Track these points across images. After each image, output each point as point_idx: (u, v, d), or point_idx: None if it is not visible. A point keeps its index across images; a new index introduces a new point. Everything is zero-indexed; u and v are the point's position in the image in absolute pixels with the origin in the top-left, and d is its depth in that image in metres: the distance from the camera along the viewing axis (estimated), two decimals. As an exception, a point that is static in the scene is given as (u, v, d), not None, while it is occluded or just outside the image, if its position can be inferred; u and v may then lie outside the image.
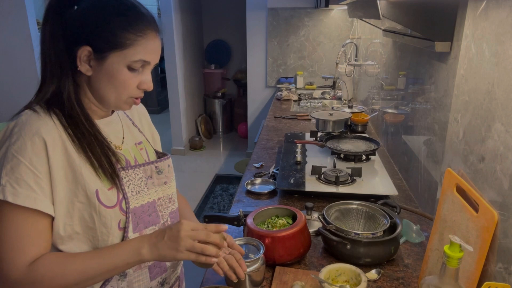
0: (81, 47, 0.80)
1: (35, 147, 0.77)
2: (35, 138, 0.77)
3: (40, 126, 0.79)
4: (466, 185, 0.88)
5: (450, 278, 0.75)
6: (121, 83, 0.83)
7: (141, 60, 0.83)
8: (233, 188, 3.96)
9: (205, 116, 5.37)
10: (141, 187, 0.92)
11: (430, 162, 1.38)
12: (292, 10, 3.91)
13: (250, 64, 4.22)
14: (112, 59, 0.81)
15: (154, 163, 0.96)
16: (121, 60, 0.81)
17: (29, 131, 0.78)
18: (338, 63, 2.86)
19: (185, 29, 4.69)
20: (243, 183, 1.65)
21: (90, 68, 0.82)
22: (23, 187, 0.76)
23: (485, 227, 0.79)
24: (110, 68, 0.82)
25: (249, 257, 1.00)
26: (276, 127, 2.58)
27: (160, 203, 0.96)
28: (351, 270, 1.01)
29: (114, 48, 0.80)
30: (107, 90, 0.84)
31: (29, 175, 0.77)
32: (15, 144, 0.77)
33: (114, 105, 0.87)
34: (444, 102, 1.24)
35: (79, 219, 0.82)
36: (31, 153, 0.77)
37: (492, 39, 0.91)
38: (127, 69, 0.82)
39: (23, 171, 0.76)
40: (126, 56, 0.81)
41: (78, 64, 0.81)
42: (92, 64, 0.82)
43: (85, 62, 0.82)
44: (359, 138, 1.93)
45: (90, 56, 0.81)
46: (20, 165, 0.76)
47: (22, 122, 0.79)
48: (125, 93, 0.85)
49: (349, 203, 1.27)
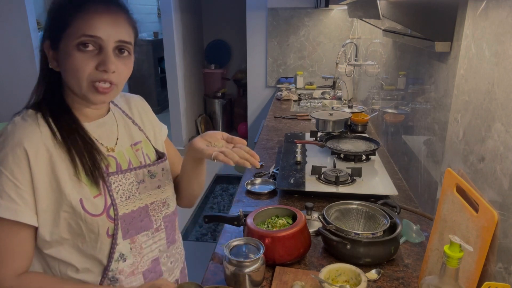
0: (44, 43, 0.81)
1: (16, 158, 0.76)
2: (17, 149, 0.76)
3: (23, 136, 0.78)
4: (466, 185, 0.88)
5: (450, 278, 0.75)
6: (75, 67, 0.78)
7: (85, 35, 0.77)
8: (233, 188, 3.96)
9: (205, 116, 5.37)
10: (131, 192, 0.90)
11: (430, 162, 1.38)
12: (292, 10, 3.91)
13: (250, 64, 4.22)
14: (62, 44, 0.79)
15: (146, 167, 0.94)
16: (69, 42, 0.78)
17: (12, 142, 0.77)
18: (338, 63, 2.86)
19: (185, 29, 4.69)
20: (243, 183, 1.65)
21: (57, 64, 0.82)
22: (4, 198, 0.75)
23: (485, 227, 0.79)
24: (63, 54, 0.79)
25: (249, 257, 1.00)
26: (276, 127, 2.58)
27: (153, 207, 0.94)
28: (351, 270, 1.01)
29: (60, 31, 0.79)
30: (70, 79, 0.81)
31: (10, 186, 0.75)
32: None
33: (82, 95, 0.82)
34: (444, 102, 1.24)
35: (66, 226, 0.82)
36: (12, 164, 0.76)
37: (492, 39, 0.91)
38: (77, 51, 0.78)
39: (4, 182, 0.75)
40: (70, 35, 0.78)
41: (49, 62, 0.82)
42: (55, 57, 0.82)
43: (53, 58, 0.82)
44: (359, 138, 1.93)
45: (53, 51, 0.81)
46: (1, 176, 0.75)
47: (7, 132, 0.79)
48: (82, 77, 0.79)
49: (349, 203, 1.27)
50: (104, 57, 0.79)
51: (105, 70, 0.79)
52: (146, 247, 0.93)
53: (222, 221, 1.29)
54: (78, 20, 0.77)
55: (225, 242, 1.08)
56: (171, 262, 1.02)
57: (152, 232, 0.94)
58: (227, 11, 5.43)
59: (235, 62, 5.69)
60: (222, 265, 1.03)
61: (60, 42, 0.79)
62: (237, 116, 5.55)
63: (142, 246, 0.92)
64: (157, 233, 0.96)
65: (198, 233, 3.21)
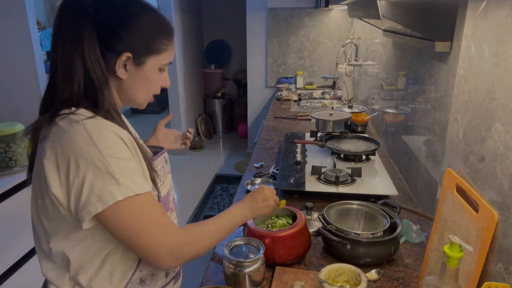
0: (121, 54, 0.83)
1: (120, 144, 0.80)
2: (115, 137, 0.80)
3: (109, 126, 0.80)
4: (466, 185, 0.88)
5: (450, 278, 0.75)
6: (154, 84, 0.92)
7: (169, 63, 0.93)
8: (233, 188, 3.96)
9: (205, 116, 5.37)
10: (163, 176, 0.98)
11: (430, 162, 1.38)
12: (292, 10, 3.91)
13: (250, 64, 4.22)
14: (150, 63, 0.88)
15: (163, 154, 1.02)
16: (156, 63, 0.89)
17: (107, 133, 0.79)
18: (338, 63, 2.87)
19: (185, 29, 4.69)
20: (243, 183, 1.65)
21: (126, 72, 0.86)
22: (138, 177, 0.81)
23: (485, 227, 0.78)
24: (147, 72, 0.89)
25: (249, 257, 1.00)
26: (276, 127, 2.58)
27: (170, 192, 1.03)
28: (351, 270, 1.01)
29: (152, 53, 0.88)
30: (139, 91, 0.91)
31: (134, 166, 0.81)
32: (104, 150, 0.77)
33: (140, 103, 0.94)
34: (444, 102, 1.24)
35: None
36: (120, 151, 0.80)
37: (492, 39, 0.91)
38: (158, 71, 0.91)
39: (127, 166, 0.79)
40: (161, 59, 0.90)
41: (116, 69, 0.84)
42: (128, 68, 0.86)
43: (124, 68, 0.86)
44: (359, 138, 1.93)
45: (127, 61, 0.85)
46: (121, 162, 0.78)
47: (91, 129, 0.78)
48: (153, 92, 0.94)
49: (349, 203, 1.27)
50: (167, 76, 0.96)
51: (165, 86, 0.97)
52: None
53: (222, 221, 1.29)
54: (169, 51, 0.92)
55: (225, 242, 1.08)
56: None
57: (170, 212, 1.01)
58: (227, 11, 5.43)
59: (235, 62, 5.69)
60: (222, 265, 1.04)
61: (146, 61, 0.88)
62: (237, 116, 5.55)
63: None
64: (171, 213, 1.03)
65: (198, 233, 3.20)
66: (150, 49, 0.87)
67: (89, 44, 0.80)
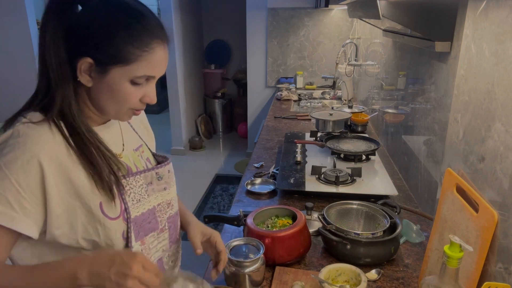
0: (82, 58, 0.76)
1: (26, 166, 0.73)
2: (30, 160, 0.73)
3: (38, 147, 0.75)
4: (466, 185, 0.88)
5: (450, 278, 0.75)
6: (122, 97, 0.80)
7: (145, 76, 0.79)
8: (233, 188, 3.96)
9: (205, 116, 5.37)
10: (141, 195, 0.90)
11: (430, 162, 1.38)
12: (292, 10, 3.91)
13: (250, 64, 4.22)
14: (114, 73, 0.77)
15: (154, 169, 0.94)
16: (124, 74, 0.77)
17: (23, 148, 0.74)
18: (338, 63, 2.87)
19: (185, 29, 4.69)
20: (243, 183, 1.65)
21: (91, 79, 0.79)
22: (2, 203, 0.72)
23: (485, 227, 0.78)
24: (111, 82, 0.78)
25: (249, 257, 1.00)
26: (276, 127, 2.58)
27: (159, 209, 0.94)
28: (351, 270, 1.01)
29: (116, 62, 0.76)
30: (108, 102, 0.81)
31: (12, 192, 0.73)
32: (6, 156, 0.73)
33: (114, 116, 0.85)
34: (444, 102, 1.24)
35: (82, 233, 0.81)
36: (19, 170, 0.73)
37: (492, 39, 0.91)
38: (130, 83, 0.79)
39: (6, 187, 0.72)
40: (129, 71, 0.77)
41: (78, 75, 0.78)
42: (93, 75, 0.78)
43: (86, 73, 0.78)
44: (359, 138, 1.93)
45: (91, 68, 0.77)
46: (4, 180, 0.72)
47: (18, 134, 0.75)
48: (126, 106, 0.82)
49: (349, 203, 1.27)
50: (150, 91, 0.83)
51: (149, 103, 0.84)
52: (153, 247, 0.94)
53: (222, 221, 1.29)
54: (142, 61, 0.77)
55: (225, 242, 1.08)
56: (172, 261, 1.02)
57: (157, 232, 0.95)
58: (227, 11, 5.43)
59: (235, 62, 5.69)
60: (222, 265, 1.04)
61: (110, 70, 0.77)
62: (237, 116, 5.55)
63: (150, 247, 0.93)
64: (161, 233, 0.96)
65: (198, 233, 3.20)
66: (114, 57, 0.76)
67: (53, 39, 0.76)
